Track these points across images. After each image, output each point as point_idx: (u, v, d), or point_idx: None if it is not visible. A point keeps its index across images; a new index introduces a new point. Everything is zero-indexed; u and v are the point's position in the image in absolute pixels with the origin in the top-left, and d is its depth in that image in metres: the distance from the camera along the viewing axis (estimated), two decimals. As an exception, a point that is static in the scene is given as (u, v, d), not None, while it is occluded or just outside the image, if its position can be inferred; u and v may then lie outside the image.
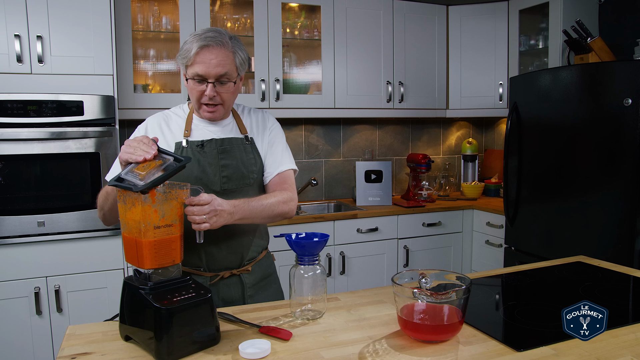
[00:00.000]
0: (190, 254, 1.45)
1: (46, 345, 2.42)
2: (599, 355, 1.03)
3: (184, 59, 1.42)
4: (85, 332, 1.20)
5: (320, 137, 3.59)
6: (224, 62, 1.41)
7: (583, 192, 2.48)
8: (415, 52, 3.44)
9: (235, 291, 1.52)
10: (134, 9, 2.84)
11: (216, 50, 1.40)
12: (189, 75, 1.43)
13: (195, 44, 1.39)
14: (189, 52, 1.40)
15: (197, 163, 1.45)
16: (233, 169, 1.49)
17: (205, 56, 1.39)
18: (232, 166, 1.49)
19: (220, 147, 1.49)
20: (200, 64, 1.40)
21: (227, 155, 1.49)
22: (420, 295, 1.09)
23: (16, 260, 2.35)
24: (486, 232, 3.28)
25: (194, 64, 1.40)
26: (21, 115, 2.31)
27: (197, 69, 1.40)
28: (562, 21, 3.00)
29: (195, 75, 1.41)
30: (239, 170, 1.50)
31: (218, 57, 1.40)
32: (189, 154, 1.45)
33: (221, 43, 1.41)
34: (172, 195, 1.12)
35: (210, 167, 1.46)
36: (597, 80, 2.40)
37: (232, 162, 1.49)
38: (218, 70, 1.40)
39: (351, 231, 3.04)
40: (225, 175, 1.48)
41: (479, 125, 4.10)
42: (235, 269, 1.52)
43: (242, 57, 1.46)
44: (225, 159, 1.48)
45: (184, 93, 2.84)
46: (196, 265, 1.49)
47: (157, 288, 1.09)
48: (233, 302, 1.51)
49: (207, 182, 1.46)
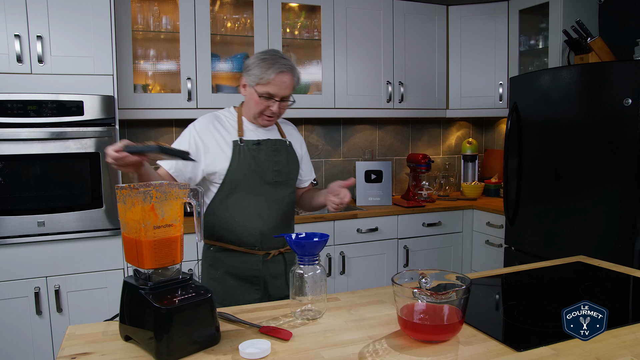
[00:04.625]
0: (248, 237, 1.71)
1: (46, 345, 2.42)
2: (599, 355, 1.03)
3: (258, 79, 1.65)
4: (85, 332, 1.20)
5: (320, 137, 3.59)
6: (290, 85, 1.68)
7: (583, 192, 2.48)
8: (415, 52, 3.44)
9: (279, 267, 1.78)
10: (134, 9, 2.84)
11: (288, 76, 1.66)
12: (260, 92, 1.66)
13: (274, 69, 1.63)
14: (268, 74, 1.63)
15: (253, 159, 1.71)
16: (282, 165, 1.77)
17: (280, 80, 1.64)
18: (282, 162, 1.77)
19: (274, 146, 1.77)
20: (275, 86, 1.64)
21: (278, 154, 1.77)
22: (420, 295, 1.09)
23: (16, 260, 2.35)
24: (486, 232, 3.28)
25: (268, 84, 1.64)
26: (21, 115, 2.31)
27: (270, 89, 1.65)
28: (562, 21, 3.00)
29: (266, 94, 1.65)
30: (286, 166, 1.79)
31: (287, 82, 1.66)
32: (246, 150, 1.70)
33: (291, 68, 1.67)
34: (172, 195, 1.12)
35: (265, 162, 1.73)
36: (597, 80, 2.40)
37: (282, 159, 1.77)
38: (286, 92, 1.68)
39: (351, 231, 3.04)
40: (276, 169, 1.75)
41: (479, 125, 4.10)
42: (281, 248, 1.78)
43: (298, 77, 1.72)
44: (277, 156, 1.76)
45: (184, 93, 2.85)
46: (252, 245, 1.73)
47: (157, 288, 1.09)
48: (278, 277, 1.78)
49: (262, 175, 1.72)
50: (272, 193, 1.74)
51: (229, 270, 1.73)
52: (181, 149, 1.56)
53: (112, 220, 2.49)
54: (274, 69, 1.63)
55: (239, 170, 1.68)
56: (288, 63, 1.67)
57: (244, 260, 1.72)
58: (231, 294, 1.72)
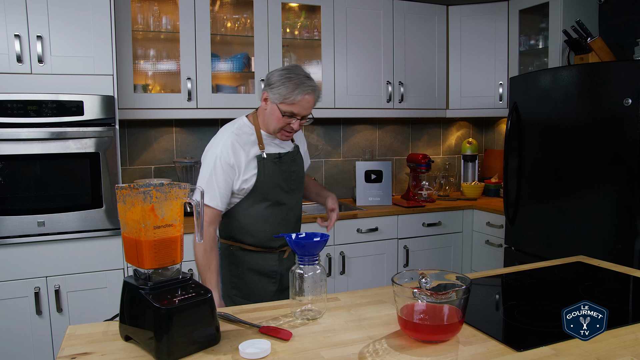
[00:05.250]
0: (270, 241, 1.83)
1: (46, 345, 2.42)
2: (599, 355, 1.03)
3: (284, 98, 1.68)
4: (85, 332, 1.20)
5: (320, 137, 3.58)
6: (313, 105, 1.75)
7: (583, 192, 2.48)
8: (415, 52, 3.44)
9: (292, 260, 1.87)
10: (134, 9, 2.84)
11: (312, 98, 1.72)
12: (283, 110, 1.70)
13: (300, 90, 1.67)
14: (295, 96, 1.67)
15: (276, 172, 1.79)
16: (298, 174, 1.88)
17: (304, 102, 1.70)
18: (297, 172, 1.88)
19: (292, 158, 1.86)
20: (299, 106, 1.70)
21: (294, 164, 1.87)
22: (420, 295, 1.09)
23: (16, 260, 2.35)
24: (486, 232, 3.28)
25: (293, 105, 1.69)
26: (21, 115, 2.31)
27: (294, 109, 1.70)
28: (562, 21, 3.00)
29: (289, 113, 1.70)
30: (300, 174, 1.90)
31: (310, 103, 1.73)
32: (269, 164, 1.78)
33: (314, 90, 1.72)
34: (172, 195, 1.12)
35: (284, 173, 1.82)
36: (597, 80, 2.40)
37: (297, 168, 1.88)
38: (307, 112, 1.74)
39: (351, 231, 3.04)
40: (293, 179, 1.86)
41: (479, 125, 4.10)
42: None
43: (319, 96, 1.77)
44: (293, 166, 1.86)
45: (184, 93, 2.84)
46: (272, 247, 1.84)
47: (157, 288, 1.09)
48: None
49: (282, 185, 1.82)
50: (290, 200, 1.87)
51: (249, 267, 1.85)
52: (219, 186, 1.71)
53: (112, 220, 2.49)
54: (300, 91, 1.67)
55: (264, 184, 1.77)
56: (313, 84, 1.71)
57: (263, 258, 1.85)
58: (252, 287, 1.86)
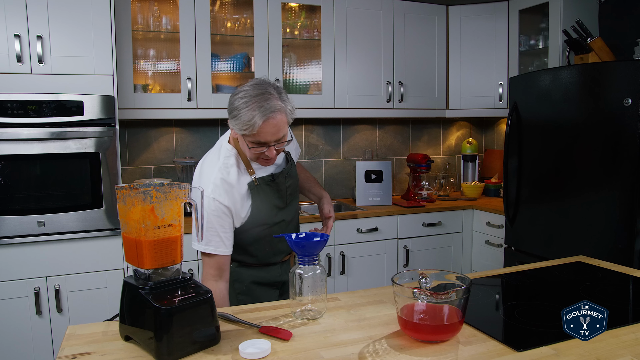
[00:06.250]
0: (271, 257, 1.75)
1: (46, 345, 2.42)
2: (599, 355, 1.03)
3: (244, 130, 1.44)
4: (85, 332, 1.20)
5: (320, 137, 3.58)
6: (282, 126, 1.47)
7: (583, 192, 2.48)
8: (415, 52, 3.44)
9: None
10: (134, 9, 2.84)
11: (276, 120, 1.44)
12: (249, 142, 1.48)
13: (258, 118, 1.41)
14: (253, 126, 1.42)
15: (271, 193, 1.67)
16: (294, 187, 1.78)
17: (268, 128, 1.43)
18: (293, 184, 1.77)
19: (287, 175, 1.73)
20: (263, 134, 1.45)
21: (289, 178, 1.75)
22: (420, 295, 1.09)
23: (16, 260, 2.35)
24: (486, 232, 3.28)
25: (256, 135, 1.45)
26: (21, 115, 2.31)
27: (259, 138, 1.46)
28: (562, 21, 3.00)
29: (257, 143, 1.48)
30: (295, 185, 1.79)
31: (277, 125, 1.45)
32: (263, 187, 1.65)
33: (279, 110, 1.44)
34: (172, 195, 1.12)
35: (280, 192, 1.71)
36: (597, 80, 2.40)
37: (293, 181, 1.77)
38: (278, 136, 1.48)
39: (351, 231, 3.04)
40: (289, 193, 1.75)
41: (479, 125, 4.10)
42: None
43: (290, 110, 1.50)
44: (289, 180, 1.74)
45: (184, 93, 2.85)
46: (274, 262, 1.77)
47: (157, 288, 1.09)
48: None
49: (278, 203, 1.71)
50: (288, 214, 1.77)
51: (254, 281, 1.77)
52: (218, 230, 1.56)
53: (112, 220, 2.49)
54: (259, 117, 1.41)
55: (259, 209, 1.64)
56: (274, 105, 1.43)
57: (267, 271, 1.78)
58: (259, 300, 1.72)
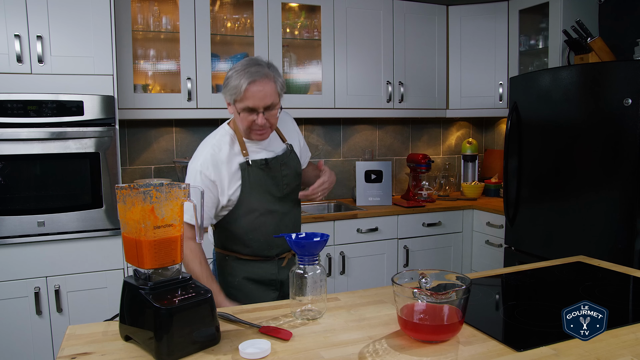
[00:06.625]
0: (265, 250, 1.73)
1: (46, 345, 2.42)
2: (599, 355, 1.03)
3: (233, 95, 1.57)
4: (85, 332, 1.19)
5: (320, 137, 3.58)
6: (270, 92, 1.57)
7: (583, 192, 2.48)
8: (415, 52, 3.44)
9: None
10: (134, 9, 2.84)
11: (262, 83, 1.55)
12: (239, 109, 1.58)
13: (244, 80, 1.53)
14: (239, 88, 1.54)
15: (263, 178, 1.69)
16: (290, 177, 1.76)
17: (255, 90, 1.54)
18: (289, 175, 1.76)
19: (282, 162, 1.74)
20: (250, 98, 1.55)
21: (286, 167, 1.75)
22: (420, 295, 1.09)
23: (16, 260, 2.35)
24: (486, 232, 3.28)
25: (244, 99, 1.55)
26: (21, 115, 2.31)
27: (247, 103, 1.56)
28: (562, 21, 3.00)
29: (246, 108, 1.57)
30: (293, 176, 1.78)
31: (265, 90, 1.55)
32: (255, 171, 1.67)
33: (265, 75, 1.55)
34: (172, 195, 1.12)
35: (275, 179, 1.71)
36: (597, 80, 2.40)
37: (289, 171, 1.76)
38: (266, 102, 1.57)
39: (351, 231, 3.04)
40: (286, 183, 1.75)
41: (479, 125, 4.10)
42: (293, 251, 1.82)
43: (281, 83, 1.62)
44: (285, 170, 1.74)
45: (184, 93, 2.85)
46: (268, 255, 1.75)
47: (157, 288, 1.09)
48: None
49: (273, 192, 1.71)
50: (284, 205, 1.76)
51: (247, 277, 1.75)
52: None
53: (112, 220, 2.49)
54: (244, 80, 1.53)
55: (250, 193, 1.67)
56: (261, 70, 1.55)
57: (261, 267, 1.75)
58: (250, 297, 1.73)
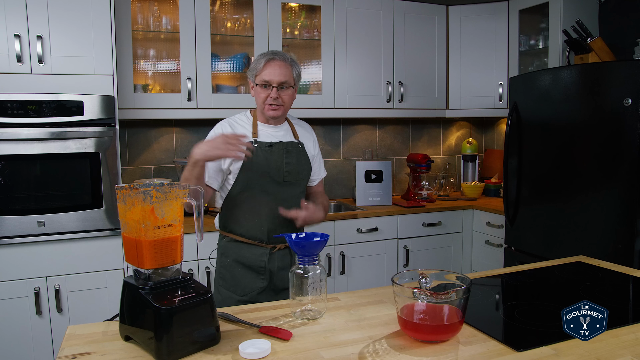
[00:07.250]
0: (257, 232, 1.82)
1: (46, 345, 2.42)
2: (599, 355, 1.03)
3: (253, 70, 1.80)
4: (85, 332, 1.20)
5: (320, 137, 3.58)
6: (285, 72, 1.79)
7: (583, 192, 2.48)
8: (415, 52, 3.44)
9: (285, 260, 1.88)
10: (134, 9, 2.84)
11: (279, 63, 1.78)
12: (257, 81, 1.79)
13: (264, 58, 1.79)
14: (259, 63, 1.78)
15: (265, 160, 1.80)
16: (292, 166, 1.85)
17: (271, 67, 1.78)
18: (292, 164, 1.85)
19: (285, 148, 1.84)
20: (268, 73, 1.77)
21: (289, 155, 1.85)
22: (420, 295, 1.09)
23: (16, 260, 2.35)
24: (486, 232, 3.28)
25: (261, 73, 1.78)
26: (21, 115, 2.31)
27: (264, 76, 1.78)
28: (562, 21, 3.00)
29: (262, 82, 1.78)
30: (297, 167, 1.87)
31: (281, 68, 1.78)
32: (258, 152, 1.79)
33: (283, 58, 1.80)
34: (172, 195, 1.12)
35: (276, 163, 1.81)
36: (597, 80, 2.40)
37: (292, 160, 1.85)
38: (280, 78, 1.77)
39: (351, 231, 3.04)
40: (287, 170, 1.84)
41: (479, 125, 4.10)
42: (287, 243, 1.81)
43: (298, 71, 1.84)
44: (288, 158, 1.84)
45: (184, 93, 2.85)
46: (260, 239, 1.83)
47: (157, 288, 1.09)
48: (284, 268, 1.86)
49: (273, 175, 1.81)
50: (282, 192, 1.84)
51: (237, 259, 1.84)
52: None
53: (112, 220, 2.49)
54: (264, 59, 1.78)
55: (250, 170, 1.78)
56: (281, 54, 1.80)
57: (251, 252, 1.84)
58: (238, 279, 1.84)
